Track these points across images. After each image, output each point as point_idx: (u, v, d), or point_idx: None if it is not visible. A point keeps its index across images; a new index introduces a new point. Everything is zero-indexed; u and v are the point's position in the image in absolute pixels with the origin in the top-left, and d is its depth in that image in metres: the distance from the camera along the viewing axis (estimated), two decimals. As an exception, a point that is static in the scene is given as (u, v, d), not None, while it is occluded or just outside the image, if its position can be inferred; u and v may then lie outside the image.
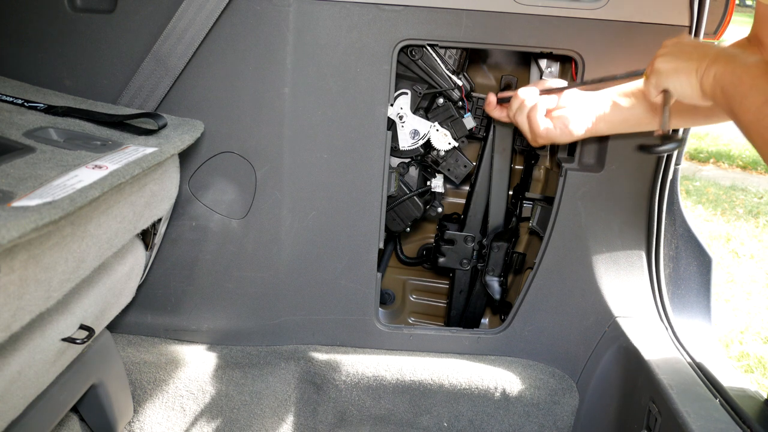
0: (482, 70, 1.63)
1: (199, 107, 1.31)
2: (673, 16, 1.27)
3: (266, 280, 1.45)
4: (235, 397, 1.43)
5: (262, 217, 1.40)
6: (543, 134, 1.20)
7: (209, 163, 1.37)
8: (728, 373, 1.21)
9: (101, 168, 0.86)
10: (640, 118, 1.18)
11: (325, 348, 1.49)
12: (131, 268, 1.17)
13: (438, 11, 1.27)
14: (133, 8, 1.25)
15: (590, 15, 1.27)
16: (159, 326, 1.47)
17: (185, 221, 1.40)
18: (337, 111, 1.34)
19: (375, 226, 1.41)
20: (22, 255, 0.71)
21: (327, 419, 1.47)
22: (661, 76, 1.02)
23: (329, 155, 1.37)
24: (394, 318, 1.85)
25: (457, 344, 1.49)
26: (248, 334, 1.48)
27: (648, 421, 1.18)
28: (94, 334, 1.02)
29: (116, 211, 0.95)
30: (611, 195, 1.38)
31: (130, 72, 1.26)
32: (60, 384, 1.09)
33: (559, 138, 1.20)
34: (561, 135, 1.19)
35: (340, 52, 1.30)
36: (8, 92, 1.15)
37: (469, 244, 1.59)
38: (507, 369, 1.46)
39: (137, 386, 1.41)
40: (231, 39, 1.28)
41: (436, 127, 1.46)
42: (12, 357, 0.83)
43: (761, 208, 5.01)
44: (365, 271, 1.44)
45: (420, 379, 1.44)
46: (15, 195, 0.72)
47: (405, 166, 1.54)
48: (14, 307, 0.72)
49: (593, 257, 1.42)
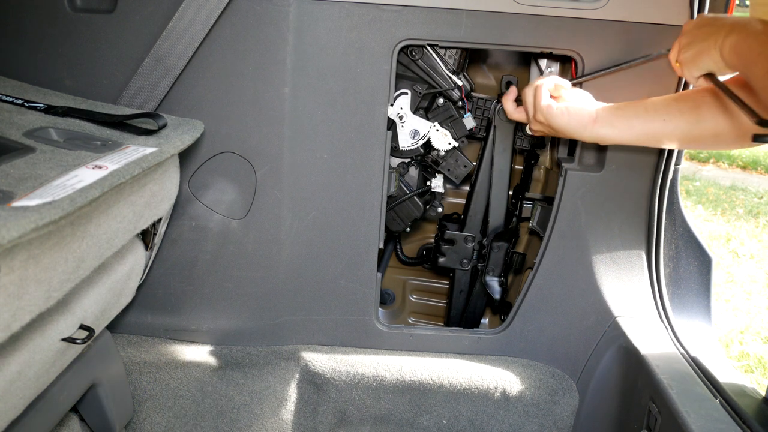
0: (482, 70, 1.63)
1: (199, 107, 1.31)
2: (673, 16, 1.27)
3: (266, 280, 1.45)
4: (235, 397, 1.43)
5: (262, 217, 1.40)
6: (544, 110, 1.21)
7: (209, 163, 1.37)
8: (728, 373, 1.21)
9: (101, 168, 0.86)
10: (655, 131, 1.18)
11: (325, 348, 1.49)
12: (131, 268, 1.17)
13: (438, 11, 1.27)
14: (133, 8, 1.25)
15: (590, 15, 1.27)
16: (159, 326, 1.47)
17: (185, 221, 1.40)
18: (337, 111, 1.34)
19: (375, 226, 1.41)
20: (22, 255, 0.71)
21: (327, 419, 1.47)
22: (690, 66, 1.04)
23: (329, 155, 1.37)
24: (394, 318, 1.85)
25: (457, 344, 1.49)
26: (248, 334, 1.48)
27: (648, 421, 1.18)
28: (94, 334, 1.02)
29: (116, 211, 0.95)
30: (611, 195, 1.38)
31: (130, 72, 1.26)
32: (60, 384, 1.09)
33: (555, 118, 1.21)
34: (559, 115, 1.20)
35: (340, 52, 1.30)
36: (8, 92, 1.15)
37: (469, 244, 1.59)
38: (507, 369, 1.46)
39: (137, 386, 1.41)
40: (231, 39, 1.28)
41: (436, 127, 1.46)
42: (12, 357, 0.83)
43: (761, 208, 5.01)
44: (365, 271, 1.45)
45: (420, 379, 1.44)
46: (15, 195, 0.72)
47: (405, 166, 1.54)
48: (14, 307, 0.72)
49: (593, 257, 1.42)
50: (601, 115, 1.20)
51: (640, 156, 1.36)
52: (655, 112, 1.17)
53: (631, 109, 1.19)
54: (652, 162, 1.36)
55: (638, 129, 1.18)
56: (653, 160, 1.36)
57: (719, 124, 1.13)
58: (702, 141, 1.18)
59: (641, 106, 1.18)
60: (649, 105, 1.18)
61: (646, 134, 1.18)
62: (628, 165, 1.36)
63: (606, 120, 1.20)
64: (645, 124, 1.17)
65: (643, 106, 1.18)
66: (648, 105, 1.18)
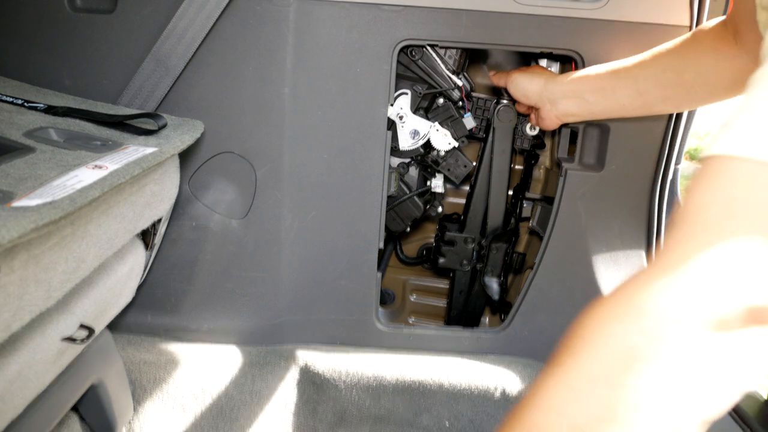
0: (482, 70, 1.63)
1: (199, 107, 1.31)
2: (673, 16, 1.27)
3: (266, 280, 1.45)
4: (235, 396, 1.43)
5: (262, 217, 1.40)
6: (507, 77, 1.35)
7: (209, 163, 1.37)
8: (728, 373, 1.21)
9: (101, 168, 0.86)
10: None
11: (325, 348, 1.49)
12: (131, 268, 1.17)
13: (438, 11, 1.27)
14: (133, 8, 1.25)
15: (590, 15, 1.27)
16: (159, 326, 1.47)
17: (185, 221, 1.40)
18: (337, 111, 1.34)
19: (375, 226, 1.41)
20: (22, 255, 0.71)
21: (327, 419, 1.47)
22: None
23: (329, 155, 1.37)
24: (394, 318, 1.85)
25: (457, 343, 1.49)
26: (248, 333, 1.48)
27: (648, 421, 1.18)
28: (94, 333, 1.02)
29: (116, 211, 0.95)
30: (611, 195, 1.38)
31: (130, 72, 1.26)
32: (60, 384, 1.09)
33: (515, 80, 1.32)
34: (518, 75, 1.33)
35: (340, 52, 1.30)
36: (8, 92, 1.15)
37: (469, 245, 1.59)
38: (507, 368, 1.46)
39: (137, 386, 1.41)
40: (231, 39, 1.27)
41: (436, 127, 1.46)
42: (12, 357, 0.83)
43: (761, 208, 5.00)
44: (365, 271, 1.44)
45: (420, 379, 1.44)
46: (15, 195, 0.72)
47: (405, 166, 1.54)
48: (14, 307, 0.72)
49: (593, 257, 1.42)
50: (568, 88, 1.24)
51: (640, 156, 1.36)
52: (627, 72, 1.17)
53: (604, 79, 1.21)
54: (652, 162, 1.36)
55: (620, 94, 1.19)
56: (653, 160, 1.36)
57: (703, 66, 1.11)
58: (690, 92, 1.15)
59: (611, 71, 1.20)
60: (620, 68, 1.19)
61: (631, 98, 1.19)
62: (628, 165, 1.36)
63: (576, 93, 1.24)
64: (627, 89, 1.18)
65: (613, 71, 1.20)
66: (619, 68, 1.19)
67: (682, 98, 1.16)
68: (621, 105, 1.20)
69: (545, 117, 1.32)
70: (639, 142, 1.35)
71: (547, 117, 1.32)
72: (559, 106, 1.28)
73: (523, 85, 1.33)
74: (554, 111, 1.29)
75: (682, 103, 1.19)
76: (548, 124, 1.34)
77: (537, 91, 1.30)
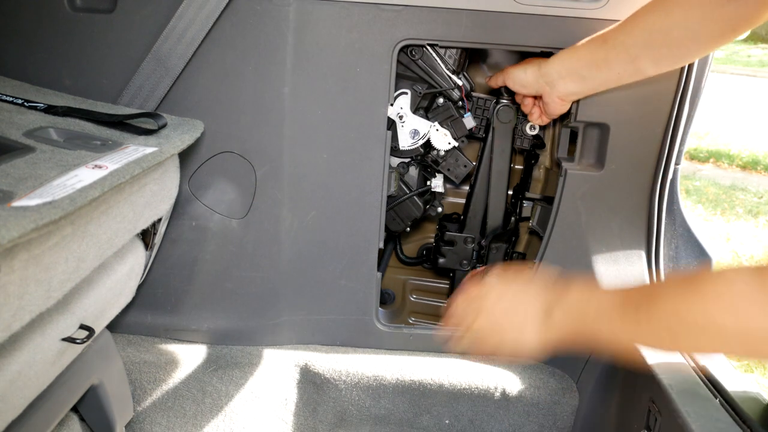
0: (482, 70, 1.63)
1: (199, 107, 1.31)
2: (673, 16, 1.27)
3: (266, 280, 1.45)
4: (235, 397, 1.43)
5: (262, 217, 1.40)
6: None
7: (209, 163, 1.37)
8: (728, 373, 1.21)
9: (101, 168, 0.86)
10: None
11: (325, 348, 1.49)
12: (131, 268, 1.17)
13: (438, 11, 1.27)
14: (133, 8, 1.25)
15: (590, 15, 1.27)
16: (159, 326, 1.47)
17: (185, 221, 1.40)
18: (337, 111, 1.34)
19: (375, 226, 1.41)
20: (23, 255, 0.71)
21: (327, 419, 1.47)
22: None
23: (329, 155, 1.37)
24: (394, 318, 1.85)
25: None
26: (248, 334, 1.48)
27: (648, 421, 1.18)
28: (94, 333, 1.02)
29: (116, 211, 0.95)
30: (611, 195, 1.38)
31: (130, 72, 1.26)
32: (60, 384, 1.09)
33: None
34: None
35: (340, 52, 1.30)
36: (8, 92, 1.15)
37: (468, 245, 1.59)
38: (507, 369, 1.46)
39: (137, 386, 1.41)
40: (231, 39, 1.27)
41: (436, 126, 1.46)
42: (12, 357, 0.83)
43: (761, 207, 5.01)
44: (365, 271, 1.44)
45: (420, 379, 1.44)
46: (15, 195, 0.72)
47: (405, 166, 1.54)
48: (14, 307, 0.72)
49: (593, 257, 1.42)
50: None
51: (640, 156, 1.36)
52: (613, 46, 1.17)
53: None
54: (652, 162, 1.36)
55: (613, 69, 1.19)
56: (653, 160, 1.36)
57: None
58: (681, 48, 1.14)
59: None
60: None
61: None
62: (628, 165, 1.36)
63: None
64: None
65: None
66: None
67: (674, 56, 1.15)
68: (617, 74, 1.19)
69: (549, 102, 1.31)
70: (639, 142, 1.35)
71: (551, 101, 1.31)
72: (558, 86, 1.27)
73: (519, 77, 1.33)
74: (555, 93, 1.28)
75: (675, 60, 1.18)
76: (555, 109, 1.33)
77: (533, 78, 1.30)
